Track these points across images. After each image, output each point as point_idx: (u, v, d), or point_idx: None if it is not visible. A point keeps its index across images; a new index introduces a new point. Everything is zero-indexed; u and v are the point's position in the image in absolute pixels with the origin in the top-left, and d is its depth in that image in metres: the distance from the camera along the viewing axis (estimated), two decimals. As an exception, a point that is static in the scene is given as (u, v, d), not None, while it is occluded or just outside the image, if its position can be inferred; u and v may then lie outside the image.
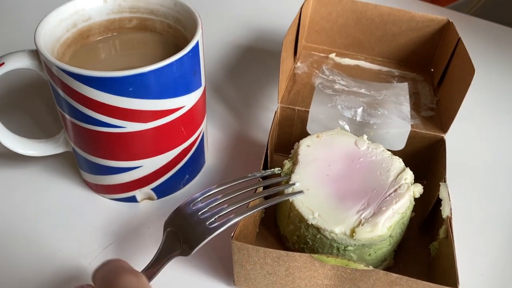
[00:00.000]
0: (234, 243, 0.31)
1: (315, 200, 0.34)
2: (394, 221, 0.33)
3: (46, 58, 0.33)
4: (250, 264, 0.33)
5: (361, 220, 0.33)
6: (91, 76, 0.31)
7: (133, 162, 0.38)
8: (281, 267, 0.32)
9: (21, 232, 0.39)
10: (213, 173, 0.45)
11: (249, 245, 0.31)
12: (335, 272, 0.31)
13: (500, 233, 0.41)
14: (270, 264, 0.32)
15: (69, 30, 0.38)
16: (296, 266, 0.31)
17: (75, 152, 0.40)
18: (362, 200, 0.34)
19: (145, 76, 0.32)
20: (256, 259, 0.32)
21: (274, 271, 0.32)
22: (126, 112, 0.34)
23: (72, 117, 0.35)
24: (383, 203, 0.34)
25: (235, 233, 0.32)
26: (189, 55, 0.34)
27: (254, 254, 0.32)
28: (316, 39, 0.53)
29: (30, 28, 0.42)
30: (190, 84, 0.36)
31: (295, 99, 0.44)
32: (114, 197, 0.41)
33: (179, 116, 0.37)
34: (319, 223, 0.32)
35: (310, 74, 0.48)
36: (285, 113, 0.43)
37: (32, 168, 0.44)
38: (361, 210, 0.33)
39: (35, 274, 0.36)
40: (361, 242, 0.32)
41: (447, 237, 0.34)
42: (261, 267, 0.32)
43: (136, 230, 0.40)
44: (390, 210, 0.33)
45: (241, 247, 0.31)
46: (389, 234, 0.33)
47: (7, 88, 0.53)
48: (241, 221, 0.32)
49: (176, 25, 0.40)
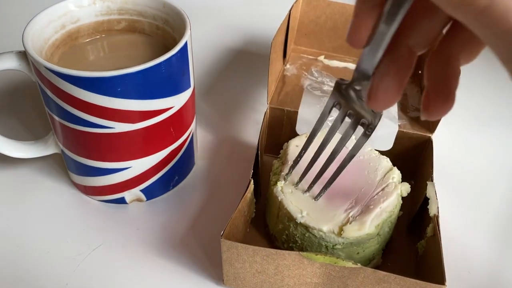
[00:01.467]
0: (223, 241, 0.31)
1: (303, 199, 0.34)
2: (382, 219, 0.33)
3: (34, 59, 0.33)
4: (239, 263, 0.33)
5: (349, 219, 0.33)
6: (79, 76, 0.31)
7: (121, 163, 0.38)
8: (270, 266, 0.32)
9: (9, 234, 0.39)
10: (203, 174, 0.45)
11: (239, 244, 0.31)
12: (323, 270, 0.32)
13: (487, 231, 0.42)
14: (259, 262, 0.32)
15: (58, 32, 0.38)
16: (285, 264, 0.32)
17: (63, 154, 0.40)
18: (350, 199, 0.34)
19: (134, 76, 0.32)
20: (245, 258, 0.32)
21: (263, 269, 0.33)
22: (115, 112, 0.34)
23: (60, 118, 0.35)
24: (371, 201, 0.34)
25: (225, 232, 0.32)
26: (178, 55, 0.34)
27: (243, 252, 0.32)
28: (305, 42, 0.54)
29: (17, 30, 0.42)
30: (179, 84, 0.36)
31: (284, 100, 0.45)
32: (103, 199, 0.41)
33: (168, 117, 0.37)
34: (308, 221, 0.33)
35: (299, 76, 0.49)
36: (275, 114, 0.44)
37: (20, 170, 0.44)
38: (349, 209, 0.34)
39: (23, 276, 0.36)
40: (349, 240, 0.32)
41: (434, 235, 0.34)
42: (250, 266, 0.33)
43: (125, 231, 0.39)
44: (377, 209, 0.33)
45: (230, 246, 0.32)
46: (377, 233, 0.33)
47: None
48: (231, 220, 0.33)
49: (165, 26, 0.40)
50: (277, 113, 0.43)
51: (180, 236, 0.39)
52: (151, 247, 0.38)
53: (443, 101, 0.25)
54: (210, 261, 0.38)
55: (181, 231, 0.40)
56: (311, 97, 0.44)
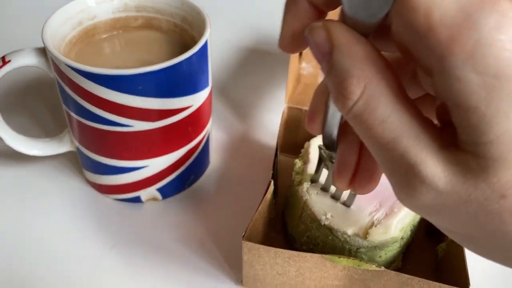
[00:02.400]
0: (245, 243, 0.31)
1: (328, 201, 0.34)
2: (406, 222, 0.33)
3: (54, 56, 0.32)
4: (260, 265, 0.32)
5: (373, 222, 0.32)
6: (100, 74, 0.31)
7: (138, 162, 0.37)
8: (291, 268, 0.32)
9: (23, 232, 0.38)
10: (218, 174, 0.44)
11: (260, 245, 0.31)
12: (346, 273, 0.31)
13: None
14: (281, 264, 0.32)
15: (75, 29, 0.38)
16: (307, 267, 0.31)
17: (79, 152, 0.39)
18: (374, 202, 0.34)
19: (155, 74, 0.32)
20: (266, 259, 0.32)
21: (284, 271, 0.32)
22: (134, 110, 0.33)
23: (78, 116, 0.35)
24: (395, 205, 0.33)
25: (246, 233, 0.31)
26: (198, 53, 0.34)
27: (265, 254, 0.31)
28: None
29: (32, 27, 0.41)
30: (198, 83, 0.36)
31: (301, 99, 0.44)
32: (118, 197, 0.41)
33: (186, 116, 0.36)
34: (332, 224, 0.32)
35: (315, 74, 0.48)
36: (292, 114, 0.43)
37: (35, 168, 0.43)
38: (373, 212, 0.33)
39: (37, 275, 0.36)
40: (374, 243, 0.32)
41: None
42: (271, 268, 0.32)
43: (140, 230, 0.39)
44: (402, 212, 0.33)
45: (252, 247, 0.31)
46: (401, 236, 0.32)
47: (9, 87, 0.52)
48: (252, 221, 0.32)
49: (182, 24, 0.40)
50: (295, 112, 0.43)
51: (195, 236, 0.39)
52: (166, 246, 0.38)
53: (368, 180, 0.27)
54: (227, 262, 0.37)
55: (196, 231, 0.39)
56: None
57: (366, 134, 0.19)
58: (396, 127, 0.18)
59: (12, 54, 0.35)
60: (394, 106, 0.18)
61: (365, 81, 0.18)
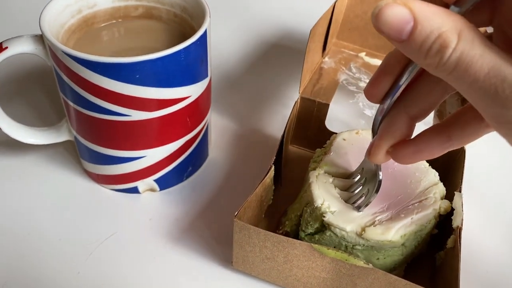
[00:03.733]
0: (236, 221, 0.31)
1: (332, 194, 0.33)
2: (410, 230, 0.32)
3: (51, 43, 0.32)
4: (250, 246, 0.32)
5: (374, 222, 0.32)
6: (98, 61, 0.31)
7: (136, 152, 0.37)
8: (280, 253, 0.32)
9: (20, 221, 0.38)
10: (216, 166, 0.44)
11: (251, 226, 0.31)
12: (333, 266, 0.31)
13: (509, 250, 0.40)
14: (270, 248, 0.32)
15: (74, 16, 0.38)
16: (295, 254, 0.31)
17: (77, 141, 0.39)
18: (382, 204, 0.33)
19: (153, 63, 0.32)
20: (256, 241, 0.32)
21: (273, 256, 0.32)
22: (132, 100, 0.33)
23: (76, 104, 0.35)
24: (403, 210, 0.33)
25: (239, 213, 0.31)
26: (197, 43, 0.34)
27: (255, 236, 0.31)
28: (348, 37, 0.52)
29: (32, 14, 0.41)
30: (197, 73, 0.36)
31: (316, 91, 0.43)
32: (116, 188, 0.41)
33: (185, 106, 0.36)
34: (331, 220, 0.32)
35: (336, 70, 0.47)
36: (305, 105, 0.42)
37: (32, 157, 0.43)
38: (377, 213, 0.32)
39: (33, 264, 0.36)
40: (369, 243, 0.31)
41: (454, 247, 0.33)
42: (260, 251, 0.32)
43: (137, 221, 0.39)
44: (408, 219, 0.32)
45: (242, 227, 0.31)
46: (401, 243, 0.32)
47: (6, 75, 0.52)
48: (246, 202, 0.32)
49: (182, 14, 0.39)
50: (308, 103, 0.42)
51: (192, 227, 0.39)
52: (163, 237, 0.38)
53: (411, 155, 0.29)
54: (220, 247, 0.37)
55: (193, 222, 0.39)
56: (345, 92, 0.43)
57: (465, 73, 0.20)
58: (492, 58, 0.20)
59: (9, 41, 0.34)
60: (486, 44, 0.20)
61: (457, 30, 0.20)
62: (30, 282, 0.35)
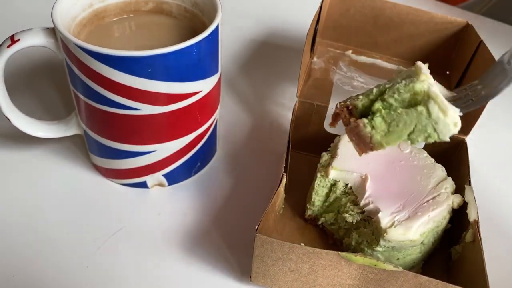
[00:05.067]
0: (258, 236, 0.30)
1: None
2: (428, 228, 0.32)
3: (64, 36, 0.32)
4: (272, 260, 0.31)
5: (394, 222, 0.32)
6: (110, 54, 0.31)
7: (146, 147, 0.37)
8: (305, 264, 0.31)
9: (28, 215, 0.38)
10: (224, 162, 0.44)
11: (274, 239, 0.30)
12: (361, 272, 0.30)
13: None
14: (294, 260, 0.31)
15: (85, 10, 0.38)
16: (321, 264, 0.31)
17: (86, 135, 0.39)
18: (398, 203, 0.33)
19: (165, 57, 0.31)
20: (279, 255, 0.31)
21: (297, 268, 0.31)
22: (143, 94, 0.33)
23: (86, 98, 0.35)
24: (419, 208, 0.33)
25: (259, 226, 0.31)
26: (209, 38, 0.34)
27: (278, 249, 0.30)
28: (332, 35, 0.52)
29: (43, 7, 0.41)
30: (208, 68, 0.36)
31: (312, 93, 0.43)
32: (124, 182, 0.41)
33: (195, 101, 0.36)
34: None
35: (327, 69, 0.47)
36: (303, 108, 0.42)
37: (40, 151, 0.43)
38: (395, 212, 0.32)
39: (42, 258, 0.36)
40: (391, 244, 0.31)
41: (474, 241, 0.33)
42: (284, 263, 0.31)
43: (146, 216, 0.39)
44: (425, 217, 0.32)
45: (265, 241, 0.30)
46: (421, 241, 0.32)
47: (18, 68, 0.52)
48: (265, 214, 0.31)
49: (193, 9, 0.39)
50: (306, 106, 0.42)
51: (201, 224, 0.39)
52: (171, 232, 0.38)
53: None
54: (233, 254, 0.37)
55: (201, 218, 0.39)
56: (341, 92, 0.43)
57: None
58: None
59: (21, 33, 0.34)
60: None
61: None
62: (38, 275, 0.35)
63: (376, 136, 0.29)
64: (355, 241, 0.35)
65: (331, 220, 0.37)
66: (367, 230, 0.34)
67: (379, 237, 0.32)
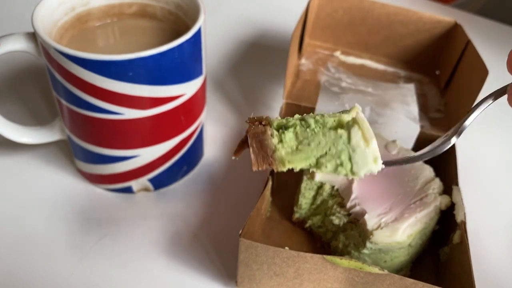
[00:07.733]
0: (242, 240, 0.30)
1: None
2: (416, 229, 0.32)
3: (44, 40, 0.31)
4: (257, 264, 0.31)
5: (380, 224, 0.31)
6: (90, 59, 0.30)
7: (129, 151, 0.37)
8: (290, 268, 0.31)
9: (12, 222, 0.38)
10: (212, 166, 0.44)
11: (258, 244, 0.30)
12: (346, 276, 0.30)
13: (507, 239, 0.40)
14: (279, 264, 0.30)
15: (67, 14, 0.37)
16: (306, 268, 0.30)
17: (70, 140, 0.39)
18: (384, 205, 0.33)
19: (146, 60, 0.31)
20: (264, 259, 0.30)
21: (282, 272, 0.31)
22: (125, 98, 0.33)
23: (68, 103, 0.34)
24: (407, 210, 0.32)
25: (243, 230, 0.30)
26: (191, 40, 0.33)
27: (263, 253, 0.30)
28: (320, 36, 0.52)
29: (22, 12, 0.41)
30: (191, 71, 0.35)
31: (299, 95, 0.43)
32: (110, 188, 0.40)
33: (179, 105, 0.36)
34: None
35: (315, 71, 0.47)
36: (290, 110, 0.42)
37: (25, 157, 0.43)
38: (382, 214, 0.32)
39: (26, 265, 0.35)
40: (378, 246, 0.31)
41: (461, 242, 0.32)
42: (269, 268, 0.31)
43: (132, 221, 0.38)
44: (412, 218, 0.32)
45: (249, 246, 0.30)
46: (408, 243, 0.31)
47: (0, 73, 0.51)
48: (249, 218, 0.31)
49: (177, 11, 0.39)
50: (293, 109, 0.42)
51: (187, 228, 0.38)
52: (157, 237, 0.37)
53: None
54: (219, 259, 0.36)
55: (188, 223, 0.39)
56: (329, 93, 0.43)
57: None
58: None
59: (1, 38, 0.34)
60: None
61: None
62: (23, 284, 0.34)
63: (280, 152, 0.26)
64: (342, 243, 0.34)
65: (319, 223, 0.37)
66: (354, 232, 0.33)
67: (366, 239, 0.32)
